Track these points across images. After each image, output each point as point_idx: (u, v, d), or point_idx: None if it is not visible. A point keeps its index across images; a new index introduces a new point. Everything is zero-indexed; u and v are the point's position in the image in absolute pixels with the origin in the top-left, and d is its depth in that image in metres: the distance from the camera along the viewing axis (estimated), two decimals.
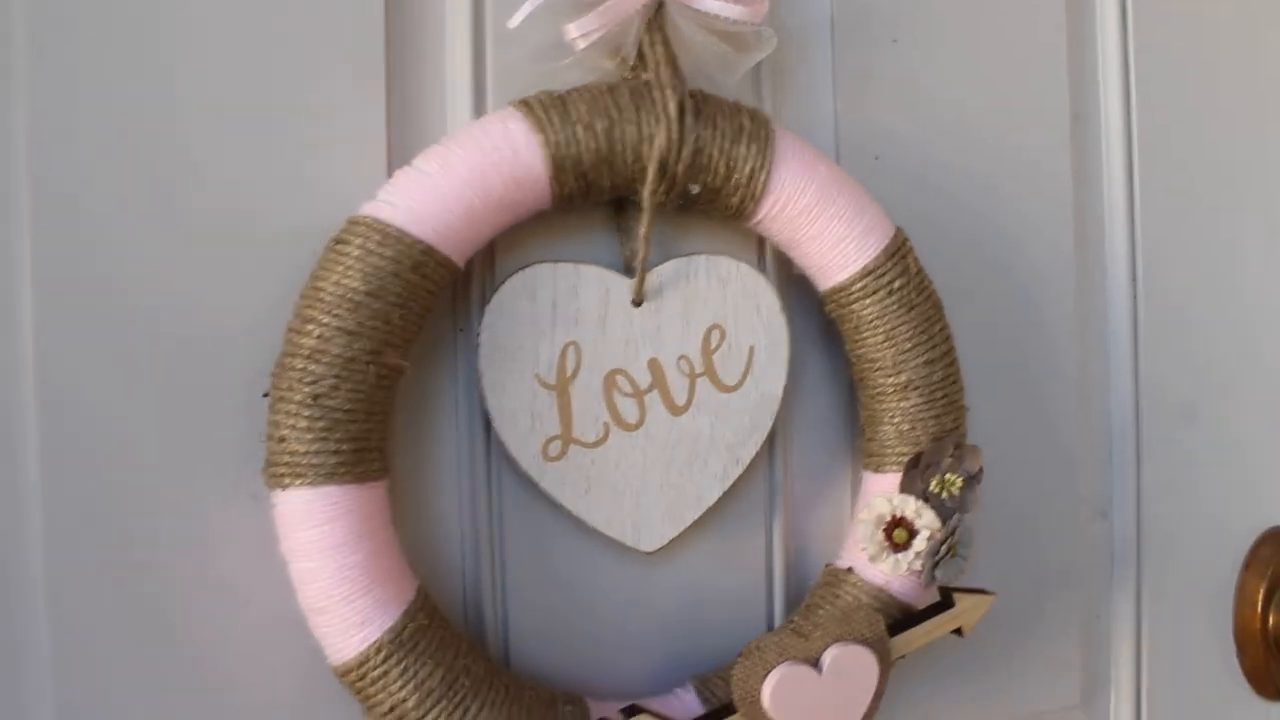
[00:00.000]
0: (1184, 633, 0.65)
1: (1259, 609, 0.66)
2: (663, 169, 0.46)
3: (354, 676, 0.44)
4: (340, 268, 0.43)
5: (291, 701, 0.48)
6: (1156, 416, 0.64)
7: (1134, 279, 0.63)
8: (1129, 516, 0.64)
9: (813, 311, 0.54)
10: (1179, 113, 0.65)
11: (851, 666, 0.47)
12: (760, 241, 0.54)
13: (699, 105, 0.47)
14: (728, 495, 0.52)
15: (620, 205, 0.51)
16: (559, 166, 0.45)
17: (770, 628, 0.55)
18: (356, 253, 0.43)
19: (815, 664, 0.47)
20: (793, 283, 0.53)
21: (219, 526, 0.46)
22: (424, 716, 0.44)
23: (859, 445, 0.55)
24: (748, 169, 0.47)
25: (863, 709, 0.48)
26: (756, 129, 0.48)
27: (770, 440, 0.53)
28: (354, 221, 0.44)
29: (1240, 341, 0.67)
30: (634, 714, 0.46)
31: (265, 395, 0.44)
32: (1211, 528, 0.66)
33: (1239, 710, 0.67)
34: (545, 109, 0.45)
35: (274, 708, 0.48)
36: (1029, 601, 0.60)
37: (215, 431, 0.46)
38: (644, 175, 0.46)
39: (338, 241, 0.44)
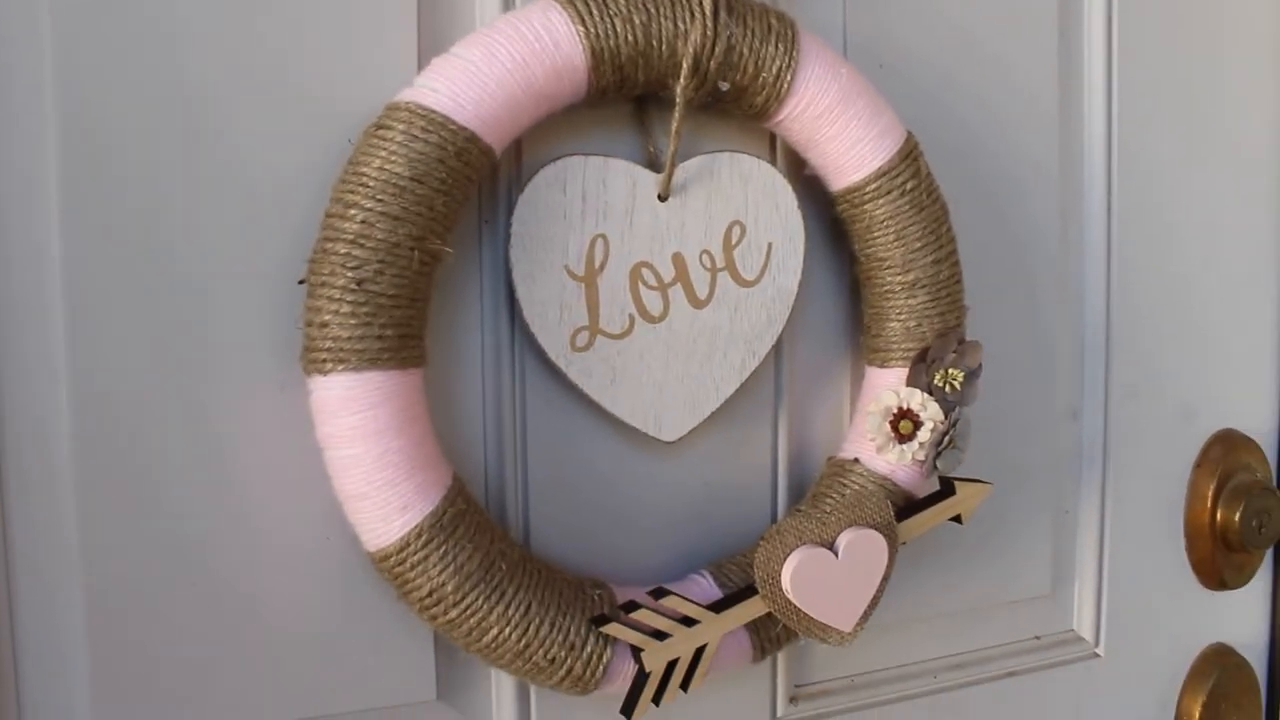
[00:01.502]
0: (1141, 528, 0.70)
1: (1208, 505, 0.70)
2: (696, 64, 0.47)
3: (393, 562, 0.44)
4: (383, 153, 0.43)
5: (318, 589, 0.48)
6: (1126, 323, 0.67)
7: (1109, 189, 0.66)
8: (1097, 418, 0.67)
9: (816, 214, 0.56)
10: (1156, 28, 0.67)
11: (864, 549, 0.49)
12: (772, 142, 0.55)
13: (730, 3, 0.47)
14: (741, 388, 0.53)
15: (641, 103, 0.51)
16: (598, 59, 0.45)
17: (775, 518, 0.57)
18: (400, 138, 0.43)
19: (831, 547, 0.49)
20: (799, 184, 0.54)
21: (245, 414, 0.47)
22: (462, 600, 0.45)
23: (859, 342, 0.57)
24: (775, 68, 0.48)
25: (873, 589, 0.50)
26: (784, 29, 0.48)
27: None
28: (395, 107, 0.44)
29: (1205, 256, 0.71)
30: (661, 595, 0.47)
31: (301, 282, 0.44)
32: (1170, 430, 0.70)
33: (1186, 599, 0.72)
34: (585, 1, 0.45)
35: (300, 595, 0.48)
36: (1005, 497, 0.63)
37: (239, 320, 0.46)
38: (678, 70, 0.47)
39: (379, 127, 0.43)
